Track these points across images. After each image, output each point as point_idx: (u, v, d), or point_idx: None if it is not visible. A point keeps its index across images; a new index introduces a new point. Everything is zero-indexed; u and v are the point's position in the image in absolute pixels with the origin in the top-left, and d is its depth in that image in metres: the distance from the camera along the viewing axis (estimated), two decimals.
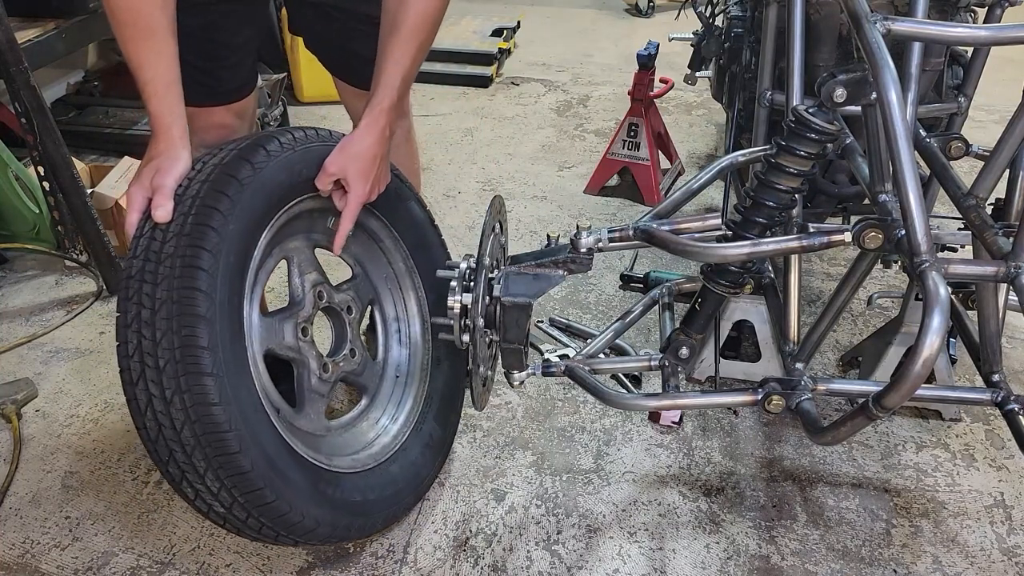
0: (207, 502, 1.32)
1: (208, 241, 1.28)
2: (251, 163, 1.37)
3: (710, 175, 1.65)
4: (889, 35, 1.26)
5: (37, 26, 2.56)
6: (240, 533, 1.39)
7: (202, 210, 1.29)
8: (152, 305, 1.25)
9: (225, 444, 1.25)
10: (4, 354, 2.21)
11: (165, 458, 1.28)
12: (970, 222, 1.51)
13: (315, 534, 1.40)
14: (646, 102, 2.89)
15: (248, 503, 1.30)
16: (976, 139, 1.90)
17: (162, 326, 1.24)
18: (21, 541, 1.69)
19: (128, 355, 1.26)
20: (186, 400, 1.23)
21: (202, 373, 1.23)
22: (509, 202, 2.90)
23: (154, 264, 1.27)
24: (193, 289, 1.25)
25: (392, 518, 1.62)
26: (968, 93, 1.94)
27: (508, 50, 4.28)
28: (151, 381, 1.24)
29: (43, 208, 2.49)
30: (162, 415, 1.25)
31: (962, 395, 1.66)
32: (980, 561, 1.66)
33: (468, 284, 1.53)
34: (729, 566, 1.65)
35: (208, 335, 1.25)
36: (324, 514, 1.40)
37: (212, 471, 1.26)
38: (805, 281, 2.49)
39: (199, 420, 1.24)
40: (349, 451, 1.60)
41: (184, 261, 1.26)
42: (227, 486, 1.28)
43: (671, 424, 1.98)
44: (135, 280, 1.27)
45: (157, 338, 1.24)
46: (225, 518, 1.34)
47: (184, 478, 1.29)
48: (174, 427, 1.25)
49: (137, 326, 1.26)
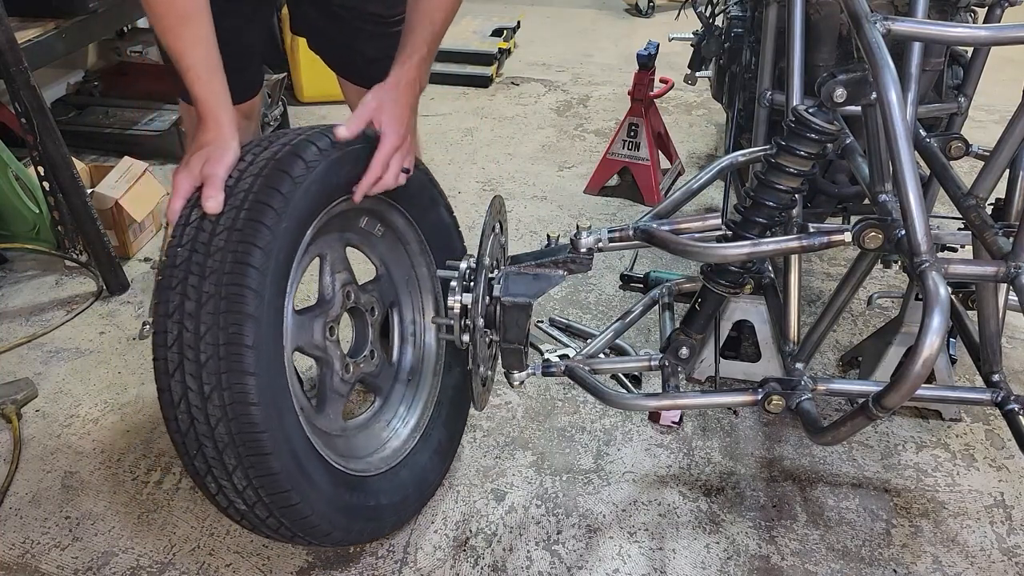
0: (229, 498, 1.31)
1: (261, 238, 1.26)
2: (304, 161, 1.34)
3: (710, 175, 1.65)
4: (889, 35, 1.26)
5: (37, 26, 2.56)
6: (254, 530, 1.38)
7: (256, 206, 1.27)
8: (198, 298, 1.23)
9: (259, 445, 1.24)
10: (4, 354, 2.21)
11: (192, 452, 1.27)
12: (970, 222, 1.51)
13: (330, 537, 1.40)
14: (646, 102, 2.89)
15: (272, 504, 1.29)
16: (976, 139, 1.90)
17: (207, 320, 1.22)
18: (21, 541, 1.69)
19: (166, 345, 1.24)
20: (225, 397, 1.22)
21: (245, 372, 1.22)
22: (509, 202, 2.90)
23: (202, 256, 1.24)
24: (243, 287, 1.23)
25: (399, 523, 1.62)
26: (968, 93, 1.94)
27: (508, 50, 4.28)
28: (189, 374, 1.23)
29: (43, 208, 2.49)
30: (196, 409, 1.23)
31: (962, 395, 1.66)
32: (980, 561, 1.66)
33: (468, 284, 1.53)
34: (729, 566, 1.65)
35: (254, 334, 1.23)
36: (340, 518, 1.40)
37: (242, 470, 1.25)
38: (805, 281, 2.49)
39: (236, 418, 1.22)
40: (363, 453, 1.60)
41: (236, 257, 1.23)
42: (254, 486, 1.27)
43: (671, 424, 1.98)
44: (180, 270, 1.25)
45: (201, 332, 1.22)
46: (244, 515, 1.33)
47: (210, 473, 1.28)
48: (208, 423, 1.23)
49: (179, 317, 1.23)
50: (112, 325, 2.33)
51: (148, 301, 2.42)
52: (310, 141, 1.37)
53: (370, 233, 1.66)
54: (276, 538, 1.40)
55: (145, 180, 2.69)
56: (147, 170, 2.72)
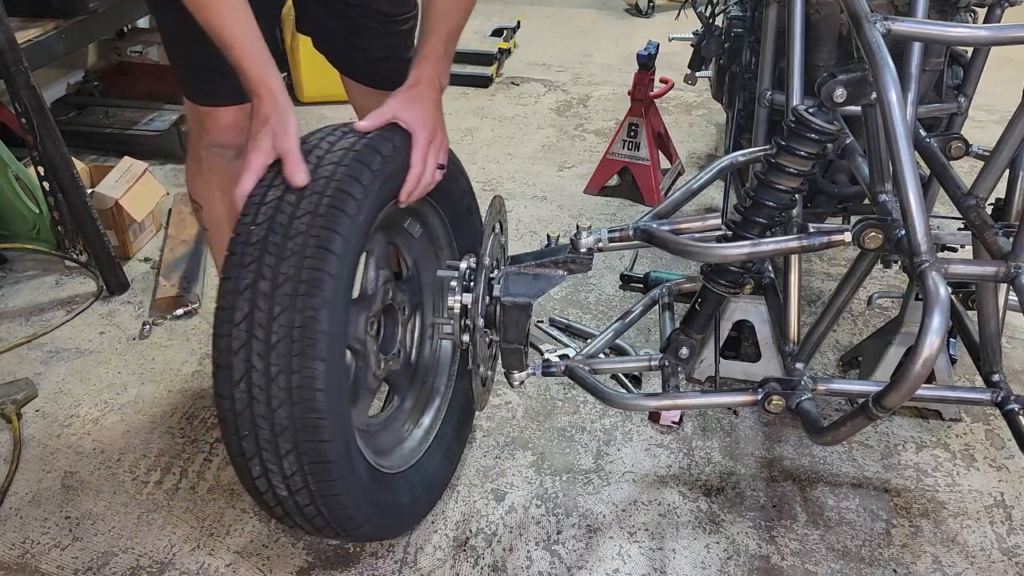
0: (271, 482, 1.29)
1: (342, 226, 1.25)
2: (381, 155, 1.35)
3: (710, 175, 1.65)
4: (889, 35, 1.26)
5: (37, 26, 2.56)
6: (285, 518, 1.36)
7: (338, 194, 1.27)
8: (274, 278, 1.22)
9: (319, 431, 1.24)
10: (4, 354, 2.21)
11: (245, 432, 1.25)
12: (970, 222, 1.51)
13: (359, 531, 1.40)
14: (646, 102, 2.89)
15: (317, 491, 1.28)
16: (976, 139, 1.90)
17: (283, 302, 1.21)
18: (21, 541, 1.69)
19: (233, 322, 1.22)
20: (292, 381, 1.21)
21: (316, 357, 1.21)
22: (509, 202, 2.90)
23: (280, 237, 1.23)
24: (323, 272, 1.22)
25: (413, 522, 1.63)
26: (968, 93, 1.94)
27: (508, 50, 4.28)
28: (256, 354, 1.21)
29: (43, 208, 2.49)
30: (258, 389, 1.22)
31: (962, 395, 1.66)
32: (980, 561, 1.66)
33: (468, 284, 1.53)
34: (729, 566, 1.65)
35: (328, 320, 1.22)
36: (372, 512, 1.40)
37: (295, 454, 1.24)
38: (805, 281, 2.49)
39: (300, 403, 1.22)
40: (385, 450, 1.60)
41: (318, 242, 1.23)
42: (305, 472, 1.26)
43: (671, 424, 1.98)
44: (255, 248, 1.24)
45: (275, 312, 1.21)
46: (281, 502, 1.31)
47: (258, 455, 1.26)
48: (269, 404, 1.22)
49: (251, 295, 1.22)
50: (112, 325, 2.33)
51: (148, 301, 2.42)
52: (385, 138, 1.38)
53: (410, 234, 1.67)
54: (304, 527, 1.39)
55: (145, 180, 2.69)
56: (147, 170, 2.72)
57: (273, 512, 1.37)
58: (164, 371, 2.15)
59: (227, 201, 1.74)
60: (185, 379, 2.13)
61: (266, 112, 1.34)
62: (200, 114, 1.67)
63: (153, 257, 2.65)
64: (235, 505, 1.76)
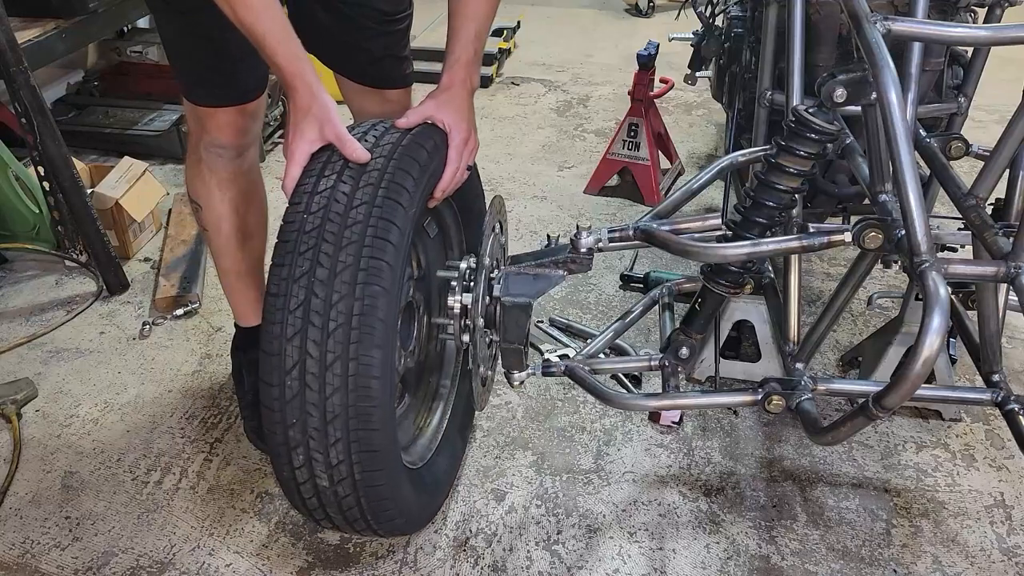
0: (313, 471, 1.28)
1: (399, 218, 1.27)
2: (427, 151, 1.37)
3: (710, 175, 1.65)
4: (889, 35, 1.26)
5: (37, 26, 2.56)
6: (317, 510, 1.35)
7: (393, 186, 1.28)
8: (332, 266, 1.22)
9: (370, 419, 1.24)
10: (4, 354, 2.21)
11: (291, 421, 1.24)
12: (970, 222, 1.51)
13: (391, 525, 1.39)
14: (646, 102, 2.89)
15: (362, 481, 1.28)
16: (976, 139, 1.90)
17: (341, 289, 1.21)
18: (21, 541, 1.69)
19: (288, 308, 1.22)
20: (349, 368, 1.21)
21: (374, 344, 1.21)
22: (509, 202, 2.90)
23: (337, 226, 1.24)
24: (382, 260, 1.23)
25: (427, 519, 1.63)
26: (968, 93, 1.94)
27: (508, 50, 4.28)
28: (311, 340, 1.21)
29: (43, 208, 2.49)
30: (311, 376, 1.21)
31: (962, 395, 1.66)
32: (980, 561, 1.66)
33: (468, 284, 1.53)
34: (729, 566, 1.65)
35: (386, 308, 1.23)
36: (405, 507, 1.40)
37: (344, 442, 1.24)
38: (805, 281, 2.49)
39: (356, 390, 1.22)
40: (403, 446, 1.59)
41: (376, 232, 1.24)
42: (352, 460, 1.25)
43: (671, 424, 1.98)
44: (310, 236, 1.24)
45: (333, 300, 1.21)
46: (320, 492, 1.30)
47: (305, 443, 1.25)
48: (322, 391, 1.22)
49: (308, 283, 1.22)
50: (112, 325, 2.33)
51: (148, 301, 2.42)
52: (428, 135, 1.41)
53: (427, 233, 1.68)
54: (335, 520, 1.37)
55: (145, 180, 2.69)
56: (147, 170, 2.72)
57: (306, 504, 1.35)
58: (164, 371, 2.15)
59: (226, 201, 1.75)
60: (185, 379, 2.13)
61: (305, 103, 1.35)
62: (200, 114, 1.67)
63: (153, 257, 2.65)
64: (235, 505, 1.76)
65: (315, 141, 1.34)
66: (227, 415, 2.00)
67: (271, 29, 1.34)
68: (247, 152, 1.75)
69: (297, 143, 1.34)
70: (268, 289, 1.25)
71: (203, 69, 1.56)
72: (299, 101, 1.36)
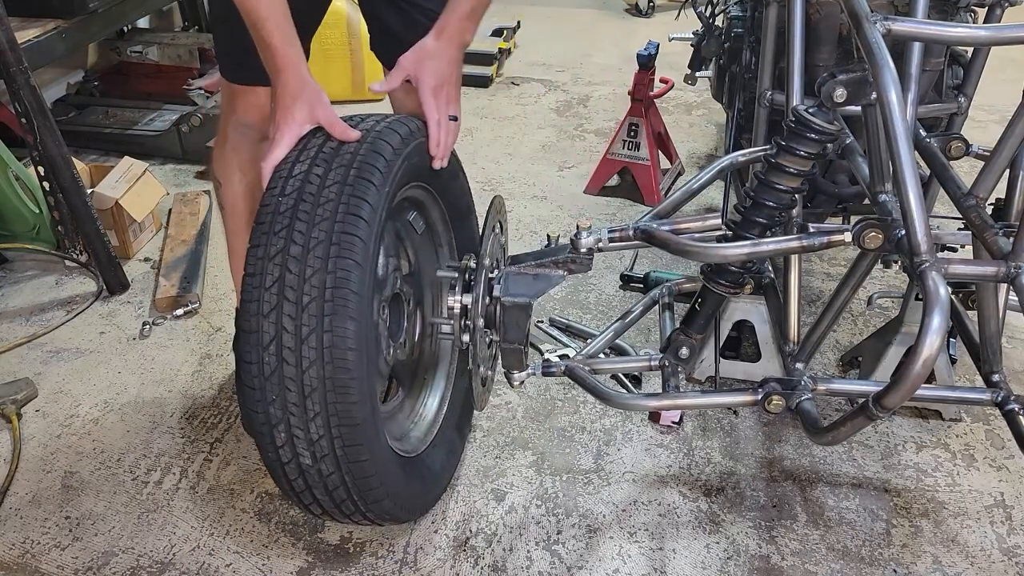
0: (296, 450, 1.29)
1: (371, 196, 1.30)
2: (400, 136, 1.41)
3: (710, 175, 1.65)
4: (889, 35, 1.26)
5: (37, 26, 2.56)
6: (305, 492, 1.35)
7: (365, 167, 1.32)
8: (305, 243, 1.25)
9: (348, 391, 1.24)
10: (4, 354, 2.21)
11: (271, 398, 1.26)
12: (970, 222, 1.51)
13: (379, 507, 1.39)
14: (646, 102, 2.89)
15: (345, 456, 1.28)
16: (976, 139, 1.90)
17: (314, 264, 1.24)
18: (21, 541, 1.69)
19: (264, 286, 1.25)
20: (324, 340, 1.22)
21: (348, 316, 1.23)
22: (509, 202, 2.90)
23: (310, 206, 1.27)
24: (354, 236, 1.26)
25: (417, 512, 1.63)
26: (968, 93, 1.94)
27: (508, 50, 4.28)
28: (287, 315, 1.23)
29: (43, 208, 2.49)
30: (288, 351, 1.23)
31: (962, 395, 1.66)
32: (980, 561, 1.66)
33: (468, 284, 1.53)
34: (729, 566, 1.65)
35: (359, 281, 1.25)
36: (392, 487, 1.40)
37: (324, 416, 1.25)
38: (805, 281, 2.49)
39: (332, 361, 1.23)
40: (394, 437, 1.60)
41: (348, 209, 1.27)
42: (333, 435, 1.26)
43: (671, 424, 1.98)
44: (284, 216, 1.27)
45: (306, 274, 1.23)
46: (304, 472, 1.31)
47: (285, 420, 1.27)
48: (299, 365, 1.23)
49: (282, 260, 1.24)
50: (112, 325, 2.33)
51: (148, 301, 2.42)
52: (403, 123, 1.44)
53: (413, 228, 1.70)
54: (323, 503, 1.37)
55: (145, 180, 2.69)
56: (147, 170, 2.72)
57: (293, 487, 1.35)
58: (164, 371, 2.15)
59: (245, 182, 1.80)
60: (185, 379, 2.13)
61: (295, 87, 1.39)
62: (232, 92, 1.73)
63: (153, 257, 2.65)
64: (235, 505, 1.76)
65: (305, 123, 1.38)
66: (227, 415, 2.00)
67: (271, 13, 1.39)
68: None
69: (288, 125, 1.38)
70: (245, 270, 1.28)
71: (237, 46, 1.62)
72: (288, 86, 1.40)
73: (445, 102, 1.50)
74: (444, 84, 1.50)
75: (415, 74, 1.46)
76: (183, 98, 3.37)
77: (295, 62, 1.40)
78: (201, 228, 2.74)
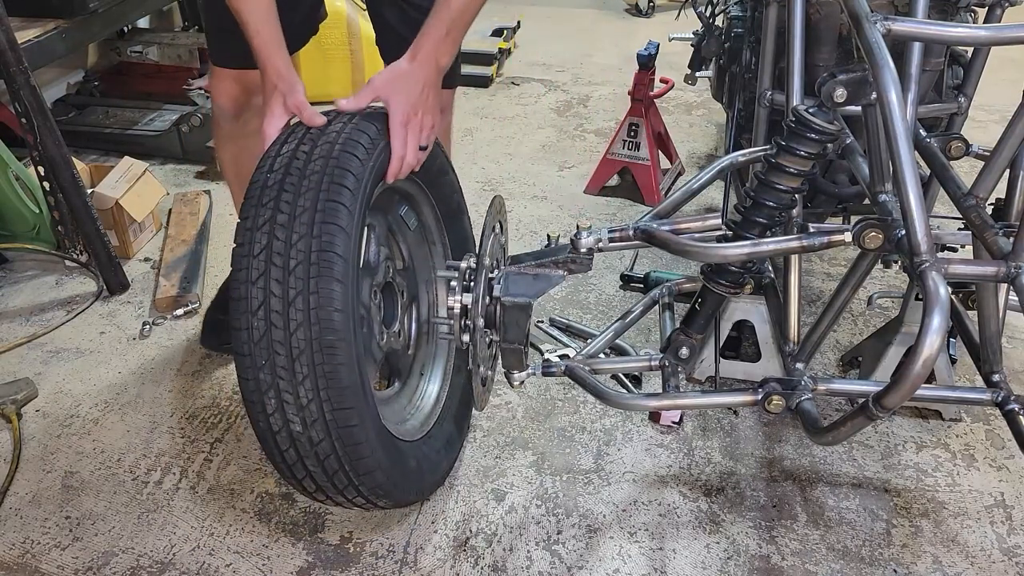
0: (286, 416, 1.29)
1: (354, 167, 1.33)
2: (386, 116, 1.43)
3: (710, 175, 1.65)
4: (889, 35, 1.26)
5: (37, 26, 2.56)
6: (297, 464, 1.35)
7: (350, 142, 1.35)
8: (291, 212, 1.28)
9: (335, 352, 1.25)
10: (4, 354, 2.21)
11: (260, 363, 1.27)
12: (970, 222, 1.51)
13: (371, 479, 1.38)
14: (646, 102, 2.89)
15: (334, 421, 1.29)
16: (976, 139, 1.90)
17: (300, 230, 1.26)
18: (21, 541, 1.69)
19: (252, 255, 1.27)
20: (311, 301, 1.24)
21: (334, 278, 1.25)
22: (509, 202, 2.90)
23: (296, 178, 1.31)
24: (338, 203, 1.28)
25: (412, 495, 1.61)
26: (968, 93, 1.94)
27: (508, 50, 4.28)
28: (274, 279, 1.25)
29: (43, 208, 2.49)
30: (276, 315, 1.25)
31: (962, 395, 1.66)
32: (980, 561, 1.66)
33: (468, 284, 1.53)
34: (729, 566, 1.65)
35: (344, 245, 1.27)
36: (383, 461, 1.39)
37: (312, 378, 1.26)
38: (805, 281, 2.49)
39: (319, 323, 1.24)
40: (392, 421, 1.59)
41: (332, 178, 1.30)
42: (321, 397, 1.27)
43: (671, 424, 1.98)
44: (272, 189, 1.30)
45: (293, 240, 1.26)
46: (296, 439, 1.31)
47: (275, 385, 1.27)
48: (287, 327, 1.25)
49: (270, 228, 1.27)
50: (112, 325, 2.33)
51: (148, 301, 2.42)
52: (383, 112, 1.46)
53: (405, 224, 1.71)
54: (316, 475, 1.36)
55: (145, 180, 2.69)
56: (147, 170, 2.72)
57: (285, 459, 1.35)
58: (164, 371, 2.15)
59: (228, 153, 1.99)
60: (185, 379, 2.13)
61: (272, 82, 1.46)
62: (211, 71, 1.86)
63: (153, 257, 2.65)
64: (235, 505, 1.76)
65: (283, 115, 1.43)
66: (227, 415, 2.00)
67: (254, 12, 1.45)
68: (244, 118, 1.88)
69: (269, 121, 1.43)
70: (235, 241, 1.30)
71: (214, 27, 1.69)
72: (267, 82, 1.47)
73: (416, 132, 1.45)
74: (416, 112, 1.45)
75: (386, 98, 1.43)
76: (183, 98, 3.37)
77: (273, 61, 1.46)
78: (201, 228, 2.74)
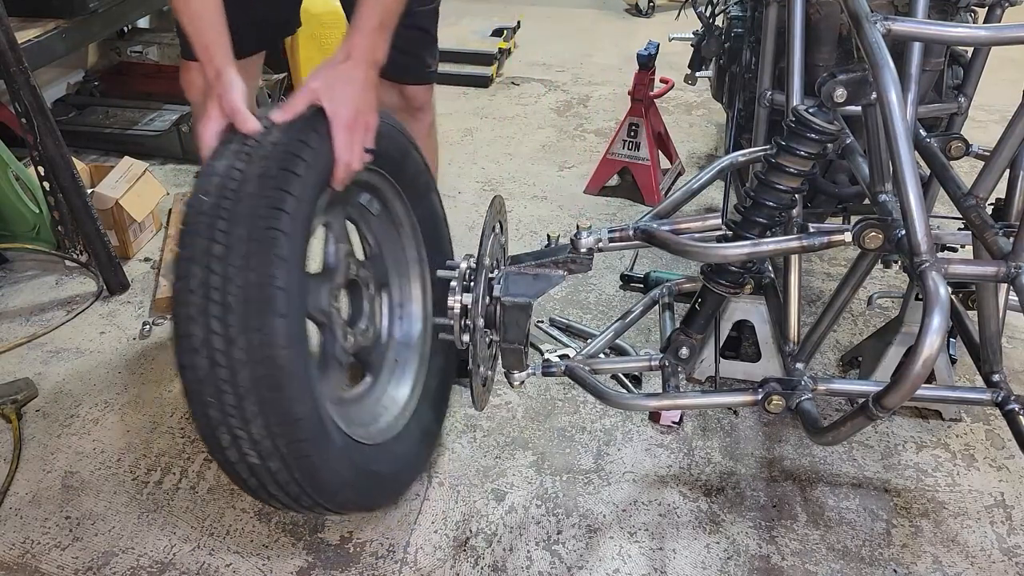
0: (242, 451, 1.26)
1: (293, 186, 1.26)
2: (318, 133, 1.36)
3: (710, 175, 1.65)
4: (889, 35, 1.26)
5: (37, 26, 2.56)
6: (260, 490, 1.34)
7: (287, 156, 1.27)
8: (227, 242, 1.21)
9: (281, 389, 1.22)
10: (4, 354, 2.21)
11: (209, 400, 1.23)
12: (970, 222, 1.51)
13: (338, 499, 1.38)
14: (646, 102, 2.89)
15: (289, 454, 1.26)
16: (976, 139, 1.89)
17: (237, 262, 1.20)
18: (21, 541, 1.69)
19: (190, 290, 1.22)
20: (252, 340, 1.19)
21: (276, 314, 1.20)
22: (509, 202, 2.90)
23: (231, 203, 1.22)
24: (276, 230, 1.22)
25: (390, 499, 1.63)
26: (968, 93, 1.94)
27: (508, 50, 4.28)
28: (214, 317, 1.20)
29: (43, 208, 2.49)
30: (219, 353, 1.20)
31: (962, 395, 1.66)
32: (980, 561, 1.66)
33: (468, 284, 1.53)
34: (729, 566, 1.65)
35: (285, 277, 1.22)
36: (347, 479, 1.38)
37: (263, 416, 1.22)
38: (805, 281, 2.49)
39: (262, 361, 1.20)
40: (360, 424, 1.59)
41: (269, 202, 1.23)
42: (273, 433, 1.24)
43: (671, 424, 1.98)
44: (206, 216, 1.22)
45: (230, 274, 1.20)
46: (254, 471, 1.29)
47: (225, 422, 1.24)
48: (231, 367, 1.20)
49: (206, 261, 1.21)
50: (112, 325, 2.33)
51: (148, 301, 2.42)
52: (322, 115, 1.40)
53: (367, 210, 1.67)
54: (281, 499, 1.36)
55: (145, 180, 2.69)
56: (147, 170, 2.72)
57: (248, 484, 1.33)
58: (164, 371, 2.15)
59: None
60: None
61: (210, 81, 1.38)
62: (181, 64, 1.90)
63: (153, 257, 2.65)
64: (235, 505, 1.76)
65: (219, 118, 1.34)
66: None
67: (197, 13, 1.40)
68: None
69: (204, 124, 1.35)
70: (175, 274, 1.25)
71: None
72: (208, 81, 1.39)
73: (361, 135, 1.40)
74: (360, 114, 1.39)
75: (326, 101, 1.35)
76: (183, 98, 3.35)
77: (213, 62, 1.38)
78: None
